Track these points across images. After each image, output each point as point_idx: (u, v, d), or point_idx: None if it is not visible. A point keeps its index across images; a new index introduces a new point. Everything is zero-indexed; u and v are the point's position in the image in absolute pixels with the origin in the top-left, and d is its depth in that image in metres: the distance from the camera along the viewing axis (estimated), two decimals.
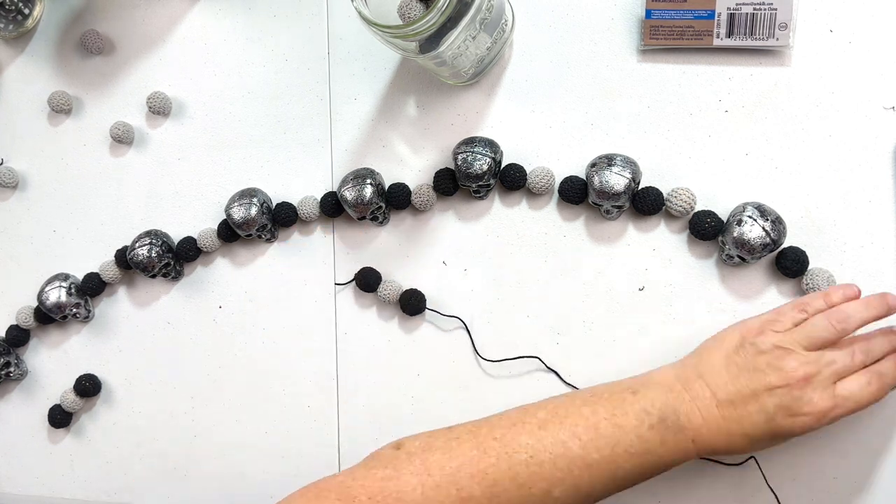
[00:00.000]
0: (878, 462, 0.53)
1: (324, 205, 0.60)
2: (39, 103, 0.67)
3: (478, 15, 0.47)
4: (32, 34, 0.67)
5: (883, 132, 0.52)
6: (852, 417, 0.53)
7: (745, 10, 0.52)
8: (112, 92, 0.66)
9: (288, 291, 0.63)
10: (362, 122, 0.61)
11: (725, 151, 0.55)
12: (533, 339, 0.58)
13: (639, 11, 0.55)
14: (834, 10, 0.52)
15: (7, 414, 0.69)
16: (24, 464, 0.69)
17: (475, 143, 0.56)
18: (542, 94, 0.57)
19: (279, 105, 0.62)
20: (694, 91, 0.55)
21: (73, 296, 0.64)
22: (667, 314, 0.56)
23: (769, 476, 0.54)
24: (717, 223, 0.53)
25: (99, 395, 0.67)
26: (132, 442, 0.67)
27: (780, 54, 0.53)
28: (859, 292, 0.48)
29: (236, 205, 0.60)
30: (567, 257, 0.57)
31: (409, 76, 0.60)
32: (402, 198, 0.59)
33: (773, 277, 0.54)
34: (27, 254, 0.68)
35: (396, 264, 0.61)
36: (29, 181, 0.68)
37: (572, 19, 0.57)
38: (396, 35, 0.46)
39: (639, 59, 0.56)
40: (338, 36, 0.61)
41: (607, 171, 0.53)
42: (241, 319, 0.64)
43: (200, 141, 0.64)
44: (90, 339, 0.67)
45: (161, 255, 0.62)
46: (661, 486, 0.56)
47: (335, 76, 0.61)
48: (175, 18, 0.64)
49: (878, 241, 0.52)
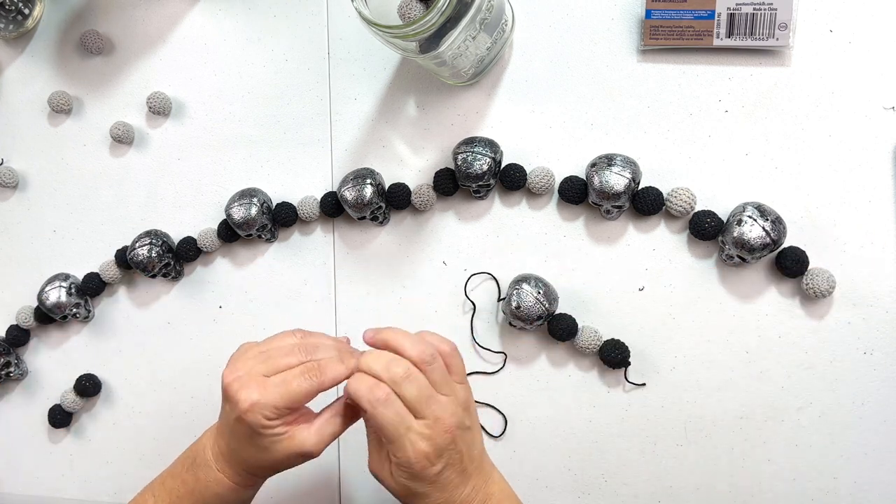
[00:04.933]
0: (878, 462, 0.53)
1: (324, 205, 0.60)
2: (39, 103, 0.67)
3: (478, 15, 0.47)
4: (32, 34, 0.67)
5: (883, 132, 0.52)
6: (852, 418, 0.53)
7: (745, 10, 0.52)
8: (112, 92, 0.66)
9: (288, 291, 0.63)
10: (362, 122, 0.61)
11: (725, 151, 0.55)
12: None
13: (639, 11, 0.55)
14: (834, 10, 0.52)
15: (7, 414, 0.69)
16: (24, 464, 0.69)
17: (475, 143, 0.56)
18: (542, 94, 0.57)
19: (279, 105, 0.62)
20: (694, 91, 0.55)
21: (73, 296, 0.64)
22: (667, 314, 0.56)
23: (771, 475, 0.54)
24: (717, 223, 0.53)
25: (99, 395, 0.67)
26: (132, 442, 0.67)
27: (780, 54, 0.53)
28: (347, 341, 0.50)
29: (236, 205, 0.60)
30: (567, 257, 0.57)
31: (409, 76, 0.60)
32: (402, 198, 0.59)
33: (773, 277, 0.54)
34: (27, 254, 0.68)
35: (396, 264, 0.61)
36: (29, 181, 0.68)
37: (572, 19, 0.57)
38: (396, 35, 0.46)
39: (639, 59, 0.56)
40: (338, 36, 0.61)
41: (607, 171, 0.53)
42: (241, 319, 0.64)
43: (200, 141, 0.64)
44: (90, 339, 0.67)
45: (161, 255, 0.62)
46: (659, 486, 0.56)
47: (335, 76, 0.61)
48: (175, 18, 0.64)
49: (878, 241, 0.52)
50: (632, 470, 0.57)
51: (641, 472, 0.57)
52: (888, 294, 0.52)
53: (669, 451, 0.56)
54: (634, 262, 0.56)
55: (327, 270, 0.62)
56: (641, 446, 0.57)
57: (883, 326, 0.53)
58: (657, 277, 0.56)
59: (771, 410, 0.55)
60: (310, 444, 0.45)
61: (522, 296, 0.54)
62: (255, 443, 0.44)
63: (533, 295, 0.54)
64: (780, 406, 0.54)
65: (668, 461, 0.56)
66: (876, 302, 0.53)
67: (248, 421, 0.43)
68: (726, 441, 0.55)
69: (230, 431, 0.45)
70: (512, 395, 0.59)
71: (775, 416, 0.54)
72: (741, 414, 0.55)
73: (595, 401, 0.57)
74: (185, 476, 0.48)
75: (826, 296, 0.52)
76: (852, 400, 0.53)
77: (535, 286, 0.54)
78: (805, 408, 0.54)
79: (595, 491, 0.58)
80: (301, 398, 0.44)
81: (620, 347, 0.55)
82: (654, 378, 0.56)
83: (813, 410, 0.54)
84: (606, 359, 0.55)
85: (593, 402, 0.57)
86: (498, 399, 0.59)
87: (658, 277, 0.56)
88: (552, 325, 0.55)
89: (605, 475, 0.58)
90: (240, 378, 0.44)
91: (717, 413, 0.55)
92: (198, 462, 0.48)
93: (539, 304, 0.54)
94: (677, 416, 0.56)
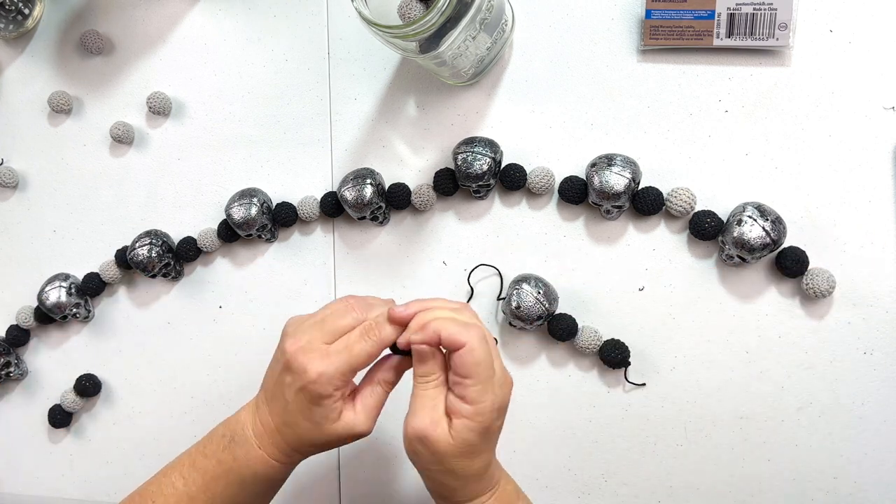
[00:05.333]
0: (878, 462, 0.53)
1: (324, 205, 0.60)
2: (39, 103, 0.67)
3: (478, 15, 0.47)
4: (32, 34, 0.67)
5: (883, 132, 0.52)
6: (852, 418, 0.53)
7: (745, 10, 0.52)
8: (112, 92, 0.66)
9: (288, 291, 0.63)
10: (362, 122, 0.61)
11: (725, 151, 0.55)
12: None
13: (639, 11, 0.55)
14: (834, 10, 0.52)
15: (7, 414, 0.69)
16: (24, 464, 0.69)
17: (475, 143, 0.56)
18: (542, 94, 0.57)
19: (279, 105, 0.62)
20: (694, 91, 0.55)
21: (73, 296, 0.64)
22: (667, 314, 0.56)
23: (771, 475, 0.55)
24: (717, 223, 0.53)
25: (99, 395, 0.67)
26: (132, 442, 0.67)
27: (780, 54, 0.53)
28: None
29: (236, 205, 0.60)
30: (567, 257, 0.57)
31: (409, 76, 0.60)
32: (402, 198, 0.59)
33: (773, 277, 0.54)
34: (27, 254, 0.68)
35: (396, 264, 0.61)
36: (29, 181, 0.68)
37: (572, 19, 0.57)
38: (396, 35, 0.46)
39: (639, 59, 0.56)
40: (338, 36, 0.61)
41: (607, 171, 0.53)
42: (241, 319, 0.64)
43: (200, 141, 0.64)
44: (90, 339, 0.67)
45: (161, 255, 0.62)
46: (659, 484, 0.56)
47: (335, 76, 0.61)
48: (175, 18, 0.64)
49: (878, 241, 0.52)
50: (632, 470, 0.57)
51: (641, 472, 0.57)
52: (888, 294, 0.52)
53: (669, 451, 0.56)
54: (634, 262, 0.56)
55: (327, 270, 0.62)
56: (641, 446, 0.57)
57: (883, 326, 0.53)
58: (657, 277, 0.56)
59: (771, 410, 0.55)
60: (360, 424, 0.45)
61: (522, 296, 0.54)
62: (310, 416, 0.44)
63: (533, 295, 0.54)
64: (780, 406, 0.54)
65: (668, 461, 0.56)
66: (876, 302, 0.53)
67: (313, 391, 0.43)
68: (726, 441, 0.55)
69: (286, 403, 0.44)
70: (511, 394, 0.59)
71: (775, 416, 0.54)
72: (741, 414, 0.55)
73: (595, 401, 0.57)
74: (221, 455, 0.47)
75: (826, 296, 0.52)
76: (852, 400, 0.53)
77: (536, 286, 0.54)
78: (805, 408, 0.54)
79: (595, 491, 0.58)
80: (364, 360, 0.44)
81: (620, 347, 0.55)
82: (654, 378, 0.56)
83: (813, 410, 0.54)
84: (606, 359, 0.55)
85: (593, 402, 0.57)
86: None
87: (658, 277, 0.56)
88: (552, 325, 0.55)
89: (605, 475, 0.58)
90: (303, 348, 0.43)
91: (717, 413, 0.55)
92: (237, 440, 0.47)
93: (539, 305, 0.54)
94: (677, 416, 0.56)
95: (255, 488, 0.47)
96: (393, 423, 0.61)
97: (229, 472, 0.46)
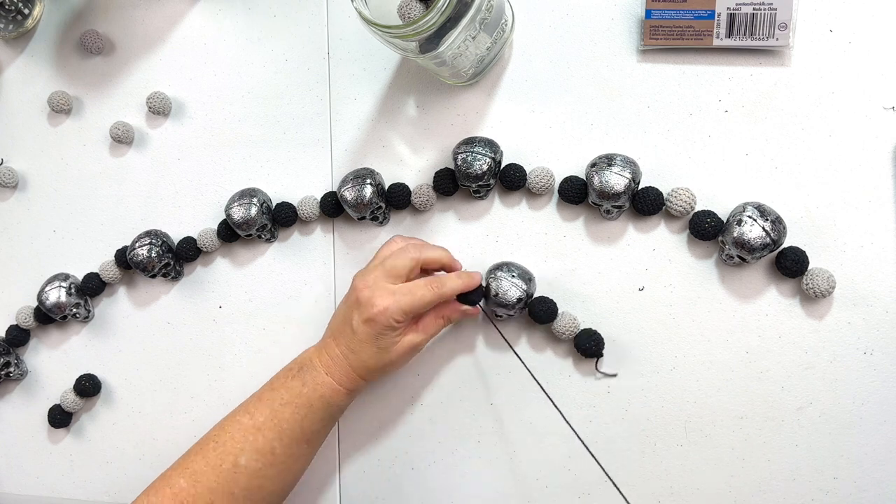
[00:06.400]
0: (878, 462, 0.53)
1: (324, 205, 0.60)
2: (39, 103, 0.67)
3: (478, 15, 0.47)
4: (32, 34, 0.67)
5: (883, 132, 0.52)
6: (852, 418, 0.53)
7: (745, 10, 0.52)
8: (112, 92, 0.66)
9: (288, 291, 0.63)
10: (362, 122, 0.61)
11: (725, 151, 0.55)
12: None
13: (639, 11, 0.55)
14: (834, 10, 0.52)
15: (7, 414, 0.69)
16: (24, 464, 0.69)
17: (475, 143, 0.56)
18: (542, 94, 0.57)
19: (279, 105, 0.62)
20: (694, 91, 0.55)
21: (73, 296, 0.64)
22: (667, 314, 0.56)
23: (771, 475, 0.55)
24: (717, 223, 0.53)
25: (99, 395, 0.67)
26: (132, 442, 0.67)
27: (780, 54, 0.53)
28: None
29: (236, 205, 0.60)
30: (567, 257, 0.57)
31: (409, 76, 0.60)
32: (402, 198, 0.59)
33: (773, 277, 0.54)
34: (27, 254, 0.68)
35: None
36: (29, 181, 0.68)
37: (572, 19, 0.57)
38: (396, 35, 0.46)
39: (639, 59, 0.56)
40: (338, 36, 0.61)
41: (607, 171, 0.53)
42: (241, 319, 0.64)
43: (200, 141, 0.64)
44: (90, 339, 0.67)
45: (161, 255, 0.62)
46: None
47: (335, 76, 0.61)
48: (175, 18, 0.64)
49: (878, 241, 0.52)
50: (632, 470, 0.57)
51: (641, 472, 0.57)
52: (888, 294, 0.52)
53: (669, 451, 0.56)
54: (634, 262, 0.56)
55: (327, 270, 0.62)
56: (641, 446, 0.57)
57: (883, 326, 0.53)
58: (657, 277, 0.56)
59: (771, 410, 0.54)
60: (418, 339, 0.52)
61: (500, 282, 0.55)
62: (375, 343, 0.51)
63: (508, 279, 0.55)
64: (780, 406, 0.54)
65: (668, 461, 0.56)
66: (876, 302, 0.53)
67: (378, 322, 0.50)
68: (726, 441, 0.55)
69: (353, 333, 0.51)
70: (511, 394, 0.59)
71: (775, 416, 0.54)
72: (741, 414, 0.55)
73: (595, 401, 0.57)
74: (290, 383, 0.52)
75: (826, 296, 0.52)
76: (852, 400, 0.53)
77: (509, 270, 0.55)
78: (805, 408, 0.54)
79: (595, 491, 0.58)
80: (424, 305, 0.51)
81: (595, 338, 0.55)
82: (654, 378, 0.56)
83: (813, 410, 0.54)
84: (581, 348, 0.56)
85: (593, 402, 0.57)
86: (498, 398, 0.59)
87: (658, 277, 0.56)
88: (533, 308, 0.56)
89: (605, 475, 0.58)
90: (370, 287, 0.51)
91: (717, 413, 0.55)
92: (305, 368, 0.53)
93: (515, 288, 0.54)
94: (677, 416, 0.56)
95: (321, 413, 0.52)
96: (393, 424, 0.61)
97: (298, 397, 0.52)
